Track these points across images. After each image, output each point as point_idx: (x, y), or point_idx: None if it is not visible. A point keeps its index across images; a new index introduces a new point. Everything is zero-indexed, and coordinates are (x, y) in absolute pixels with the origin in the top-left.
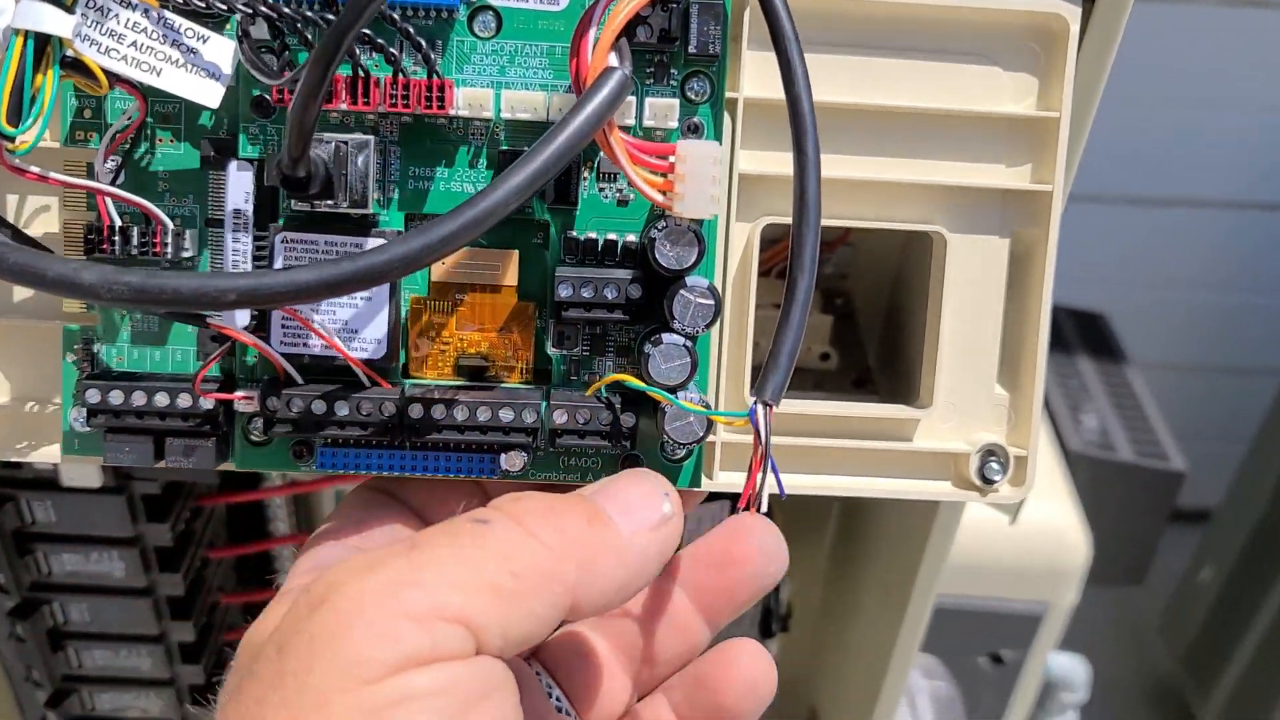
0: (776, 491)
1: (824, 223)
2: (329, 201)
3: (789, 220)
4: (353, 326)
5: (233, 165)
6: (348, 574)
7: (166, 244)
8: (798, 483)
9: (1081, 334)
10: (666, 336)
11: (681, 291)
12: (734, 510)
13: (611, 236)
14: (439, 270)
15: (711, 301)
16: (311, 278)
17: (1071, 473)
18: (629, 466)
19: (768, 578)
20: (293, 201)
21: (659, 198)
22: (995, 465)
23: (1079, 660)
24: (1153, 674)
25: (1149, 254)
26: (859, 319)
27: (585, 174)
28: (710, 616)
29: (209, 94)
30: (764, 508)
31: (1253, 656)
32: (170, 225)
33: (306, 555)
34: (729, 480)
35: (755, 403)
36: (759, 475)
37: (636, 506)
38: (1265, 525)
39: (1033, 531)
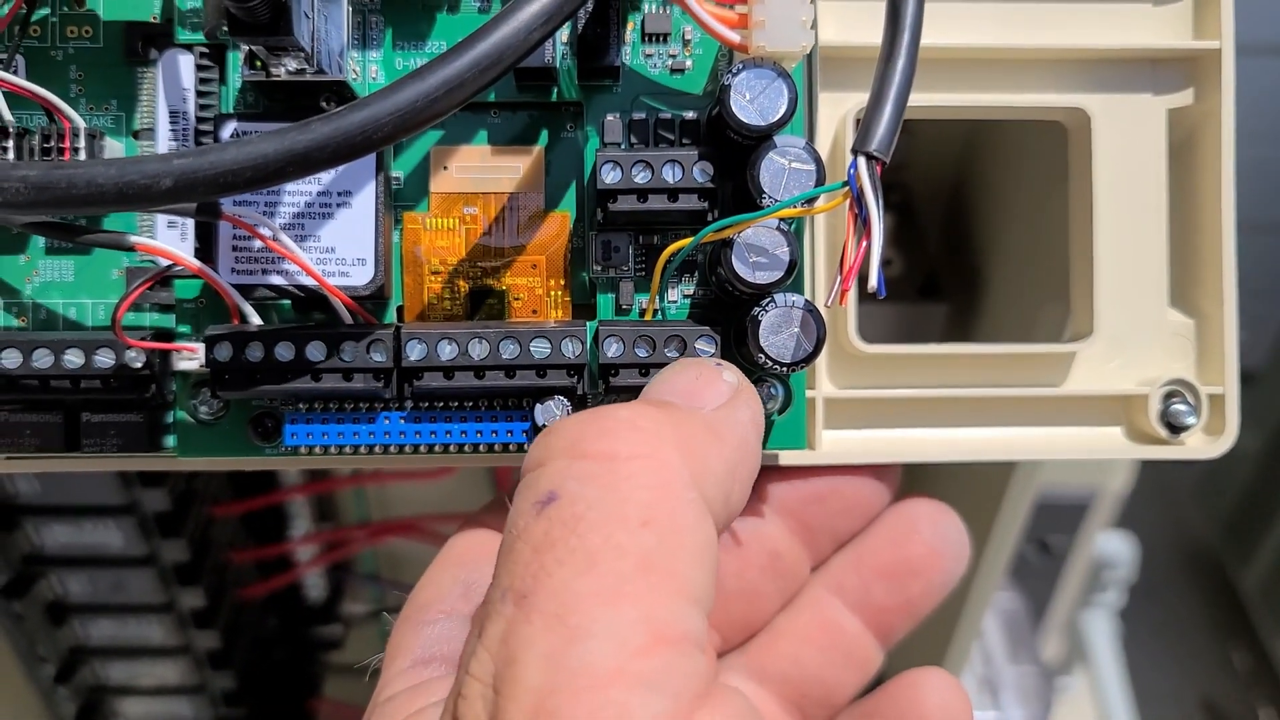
0: (876, 286)
1: (943, 103)
2: (285, 58)
3: None
4: (328, 245)
5: (167, 55)
6: None
7: (78, 149)
8: (915, 447)
9: None
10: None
11: (770, 155)
12: (815, 318)
13: (665, 117)
14: (441, 179)
15: (811, 165)
16: (273, 149)
17: None
18: None
19: (953, 577)
20: (244, 79)
21: (731, 35)
22: (1183, 407)
23: (1126, 539)
24: (1189, 542)
25: None
26: (918, 215)
27: (627, 36)
28: (885, 636)
29: None
30: (875, 281)
31: None
32: (81, 125)
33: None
34: (835, 444)
35: (855, 157)
36: (862, 252)
37: (697, 390)
38: None
39: None
